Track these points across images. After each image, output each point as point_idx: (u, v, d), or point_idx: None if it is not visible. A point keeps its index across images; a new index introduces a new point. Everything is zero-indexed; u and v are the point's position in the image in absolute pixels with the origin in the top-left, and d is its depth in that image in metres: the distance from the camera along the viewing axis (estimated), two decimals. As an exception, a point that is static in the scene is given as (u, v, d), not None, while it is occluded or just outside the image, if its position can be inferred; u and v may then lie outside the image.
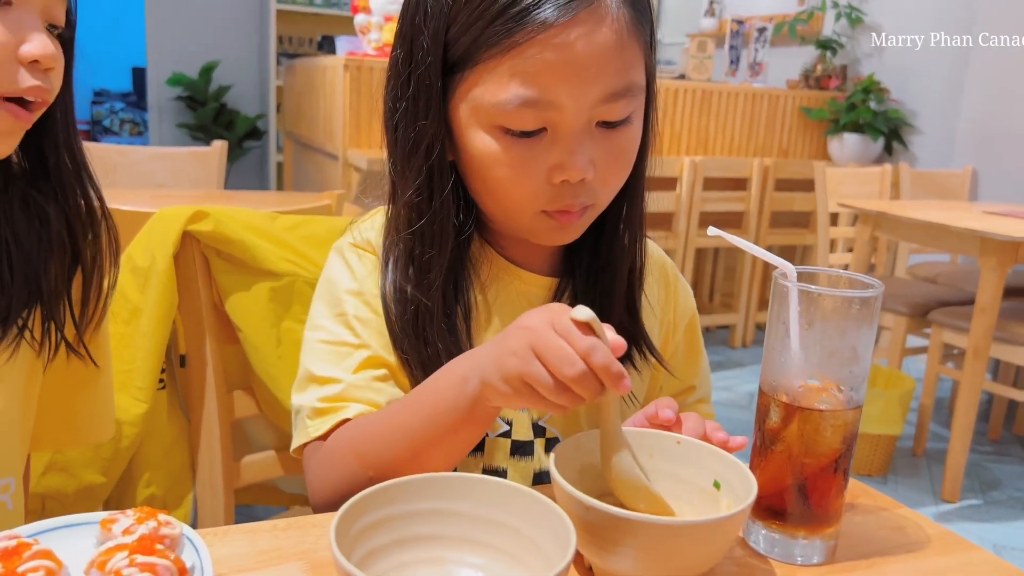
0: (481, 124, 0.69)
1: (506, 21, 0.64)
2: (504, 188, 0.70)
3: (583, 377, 0.55)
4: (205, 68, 5.61)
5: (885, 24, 4.22)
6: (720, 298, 4.21)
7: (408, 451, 0.67)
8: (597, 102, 0.67)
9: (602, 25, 0.65)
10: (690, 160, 3.46)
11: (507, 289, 0.81)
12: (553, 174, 0.69)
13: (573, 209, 0.71)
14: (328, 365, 0.76)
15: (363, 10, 3.29)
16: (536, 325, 0.58)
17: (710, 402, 0.97)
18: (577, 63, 0.65)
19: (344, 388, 0.74)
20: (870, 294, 0.61)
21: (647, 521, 0.55)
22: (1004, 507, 2.54)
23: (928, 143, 4.02)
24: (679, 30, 5.87)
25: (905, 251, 3.47)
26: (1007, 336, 2.51)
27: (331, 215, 1.64)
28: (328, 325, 0.78)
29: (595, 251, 0.80)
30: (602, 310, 0.80)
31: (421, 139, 0.71)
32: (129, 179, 2.42)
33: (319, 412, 0.74)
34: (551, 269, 0.83)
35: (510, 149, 0.68)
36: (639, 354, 0.82)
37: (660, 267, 0.90)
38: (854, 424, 0.62)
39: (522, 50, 0.64)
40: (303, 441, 0.75)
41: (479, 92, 0.68)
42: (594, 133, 0.69)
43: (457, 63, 0.69)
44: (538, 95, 0.65)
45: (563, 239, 0.75)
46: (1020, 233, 2.32)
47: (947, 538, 0.68)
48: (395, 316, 0.75)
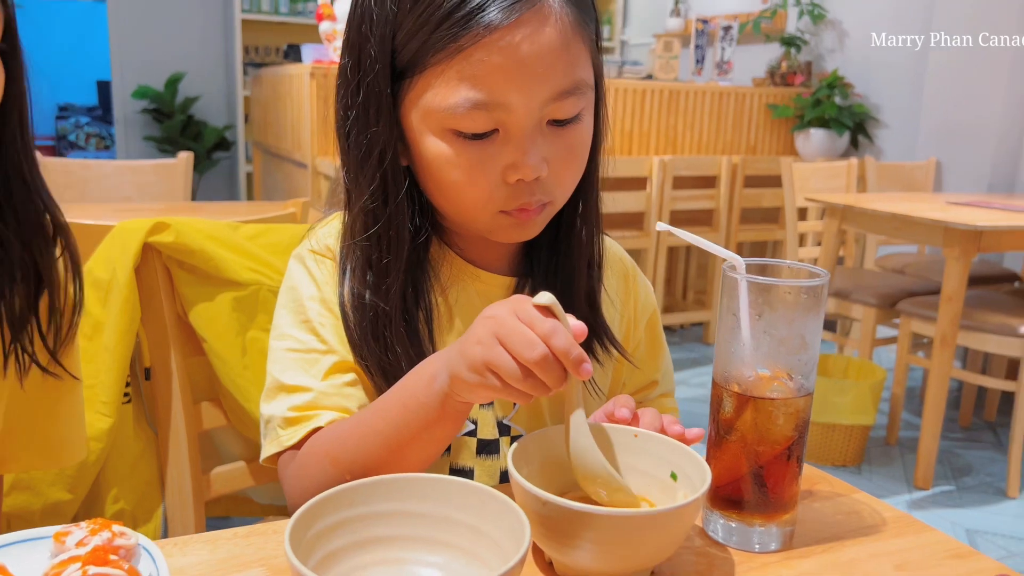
0: (433, 128, 0.69)
1: (451, 26, 0.65)
2: (460, 190, 0.71)
3: (544, 360, 0.56)
4: (171, 80, 5.58)
5: (846, 20, 4.28)
6: (694, 295, 4.24)
7: (383, 453, 0.67)
8: (546, 101, 0.68)
9: (546, 25, 0.66)
10: (659, 159, 3.49)
11: (467, 290, 0.81)
12: (508, 174, 0.69)
13: (531, 207, 0.72)
14: (297, 373, 0.76)
15: (328, 18, 3.28)
16: (499, 313, 0.59)
17: (673, 397, 0.98)
18: (524, 64, 0.65)
19: (315, 396, 0.75)
20: (816, 283, 0.62)
21: (602, 513, 0.55)
22: (976, 492, 2.58)
23: (893, 136, 4.08)
24: (645, 31, 5.91)
25: (873, 243, 3.51)
26: (974, 324, 2.55)
27: (297, 223, 1.64)
28: (294, 333, 0.78)
29: (553, 248, 0.81)
30: (563, 305, 0.81)
31: (373, 145, 0.72)
32: (95, 193, 2.40)
33: (291, 421, 0.74)
34: (510, 268, 0.83)
35: (463, 151, 0.69)
36: (600, 347, 0.83)
37: (619, 263, 0.92)
38: (805, 411, 0.64)
39: (469, 53, 0.65)
40: (276, 450, 0.75)
41: (429, 97, 0.68)
42: (545, 132, 0.70)
43: (405, 69, 0.69)
44: (487, 97, 0.66)
45: (522, 236, 0.76)
46: (982, 222, 2.36)
47: (902, 520, 0.69)
48: (354, 323, 0.76)
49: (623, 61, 4.35)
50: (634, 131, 3.86)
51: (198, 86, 5.75)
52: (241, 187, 5.65)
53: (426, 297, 0.78)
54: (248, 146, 5.41)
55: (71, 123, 7.03)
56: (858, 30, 4.22)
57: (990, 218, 2.45)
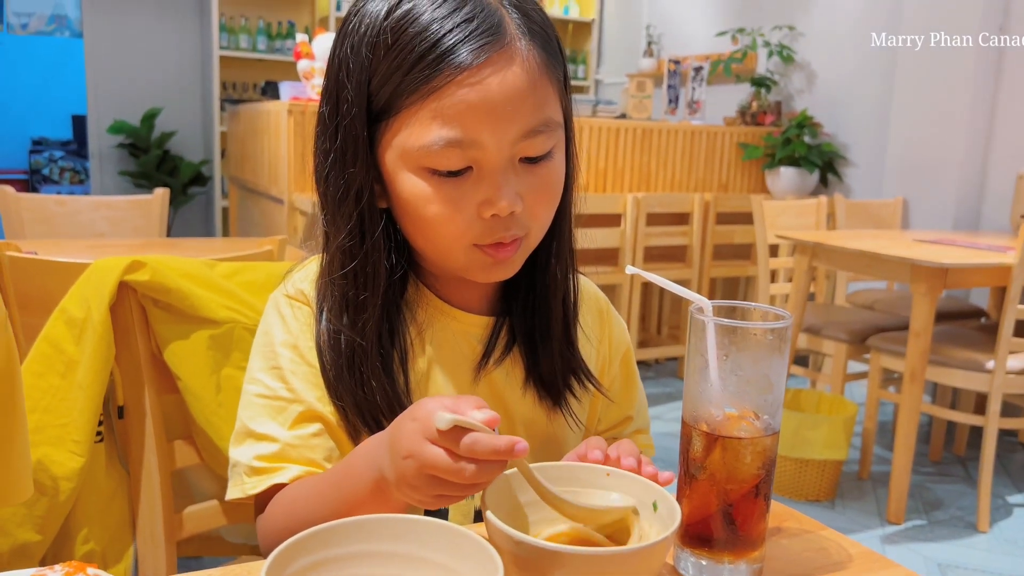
0: (409, 167, 0.72)
1: (423, 68, 0.68)
2: (436, 226, 0.73)
3: (478, 473, 0.58)
4: (147, 115, 5.58)
5: (815, 62, 4.39)
6: (668, 330, 4.28)
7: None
8: (516, 139, 0.70)
9: (514, 66, 0.69)
10: (633, 196, 3.54)
11: (445, 330, 0.82)
12: (482, 209, 0.71)
13: (506, 241, 0.73)
14: (264, 420, 0.78)
15: (306, 56, 3.32)
16: (414, 448, 0.60)
17: (649, 433, 0.99)
18: (493, 102, 0.68)
19: (280, 448, 0.76)
20: (781, 325, 0.64)
21: (574, 553, 0.56)
22: (948, 526, 2.60)
23: (861, 175, 4.17)
24: (619, 70, 6.02)
25: (844, 279, 3.58)
26: (942, 359, 2.60)
27: (273, 260, 1.64)
28: (263, 379, 0.79)
29: (529, 287, 0.83)
30: (540, 342, 0.83)
31: (351, 186, 0.74)
32: (68, 229, 2.39)
33: (256, 471, 0.76)
34: (488, 308, 0.85)
35: (439, 188, 0.71)
36: (578, 382, 0.85)
37: (595, 302, 0.94)
38: (772, 449, 0.65)
39: (441, 94, 0.68)
40: (238, 496, 0.77)
41: (404, 137, 0.71)
42: (518, 168, 0.72)
43: (381, 112, 0.71)
44: (460, 135, 0.68)
45: (500, 275, 0.77)
46: (948, 259, 2.42)
47: (869, 557, 0.71)
48: (329, 362, 0.77)
49: (597, 100, 4.43)
50: (608, 169, 3.91)
51: (175, 121, 5.76)
52: (217, 222, 5.63)
53: (402, 338, 0.79)
54: (224, 181, 5.41)
55: (45, 157, 6.99)
56: (826, 71, 4.33)
57: (955, 255, 2.51)
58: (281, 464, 0.75)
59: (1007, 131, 3.53)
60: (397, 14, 0.69)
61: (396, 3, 0.70)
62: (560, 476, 0.67)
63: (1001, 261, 2.48)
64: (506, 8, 0.71)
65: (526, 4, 0.73)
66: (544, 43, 0.73)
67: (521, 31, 0.70)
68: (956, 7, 3.49)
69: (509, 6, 0.71)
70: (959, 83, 3.52)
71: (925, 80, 3.65)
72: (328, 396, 0.77)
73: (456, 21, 0.68)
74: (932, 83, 3.62)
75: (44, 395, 1.07)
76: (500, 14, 0.70)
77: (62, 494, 1.08)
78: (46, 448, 1.06)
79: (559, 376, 0.84)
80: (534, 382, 0.84)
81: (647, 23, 5.62)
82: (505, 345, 0.84)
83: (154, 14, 5.63)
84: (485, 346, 0.83)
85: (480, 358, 0.83)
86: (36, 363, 1.08)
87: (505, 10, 0.71)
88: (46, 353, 1.08)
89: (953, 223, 3.58)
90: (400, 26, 0.69)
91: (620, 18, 6.15)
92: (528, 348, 0.84)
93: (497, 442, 0.57)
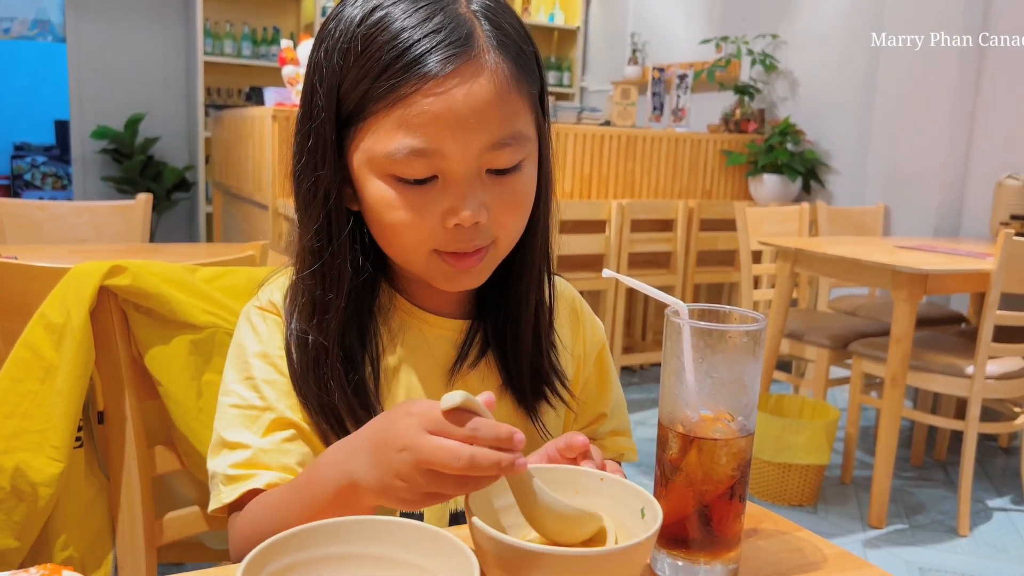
0: (376, 173, 0.72)
1: (391, 75, 0.68)
2: (399, 232, 0.73)
3: (474, 461, 0.56)
4: (131, 120, 5.56)
5: (797, 70, 4.43)
6: (652, 335, 4.29)
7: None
8: (483, 150, 0.71)
9: (481, 78, 0.69)
10: (617, 203, 3.55)
11: (415, 333, 0.83)
12: (446, 218, 0.72)
13: (468, 250, 0.74)
14: (238, 429, 0.78)
15: (291, 62, 3.32)
16: (411, 440, 0.59)
17: (630, 436, 0.99)
18: (458, 113, 0.68)
19: (253, 454, 0.76)
20: (755, 328, 0.64)
21: (555, 553, 0.56)
22: (928, 531, 2.62)
23: (843, 182, 4.20)
24: (603, 78, 6.05)
25: (826, 285, 3.60)
26: (922, 364, 2.62)
27: (256, 266, 1.64)
28: (237, 389, 0.80)
29: (503, 293, 0.83)
30: (513, 349, 0.83)
31: (319, 187, 0.75)
32: (51, 235, 2.38)
33: (231, 479, 0.76)
34: (462, 312, 0.85)
35: (404, 195, 0.72)
36: (551, 391, 0.85)
37: (570, 303, 0.94)
38: (747, 451, 0.66)
39: (407, 102, 0.68)
40: (216, 506, 0.78)
41: (370, 143, 0.71)
42: (484, 180, 0.73)
43: (350, 117, 0.72)
44: (425, 144, 0.69)
45: (465, 284, 0.78)
46: (928, 265, 2.44)
47: (843, 558, 0.71)
48: (296, 361, 0.78)
49: (582, 107, 4.44)
50: (593, 175, 3.93)
51: (158, 127, 5.74)
52: (201, 228, 5.61)
53: (373, 341, 0.80)
54: (208, 187, 5.39)
55: (27, 162, 6.93)
56: (809, 79, 4.37)
57: (936, 261, 2.54)
58: (254, 471, 0.76)
59: (987, 139, 3.57)
60: (370, 21, 0.70)
61: (370, 11, 0.71)
62: (554, 479, 0.68)
63: (980, 267, 2.50)
64: (479, 20, 0.71)
65: (501, 18, 0.73)
66: (517, 57, 0.73)
67: (491, 44, 0.71)
68: (937, 9, 3.53)
69: (482, 19, 0.71)
70: (940, 92, 3.56)
71: (906, 89, 3.69)
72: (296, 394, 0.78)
73: (426, 31, 0.68)
74: (913, 92, 3.66)
75: (23, 400, 1.07)
76: (471, 26, 0.70)
77: (41, 500, 1.07)
78: (24, 454, 1.05)
79: (529, 385, 0.84)
80: (510, 390, 0.85)
81: (632, 31, 5.65)
82: (479, 350, 0.84)
83: (138, 19, 5.61)
84: (459, 350, 0.83)
85: (454, 363, 0.83)
86: (15, 368, 1.07)
87: (477, 22, 0.71)
88: (25, 358, 1.07)
89: (934, 230, 3.62)
90: (371, 33, 0.70)
91: (605, 26, 6.18)
92: (502, 354, 0.84)
93: (500, 429, 0.57)
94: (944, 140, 3.57)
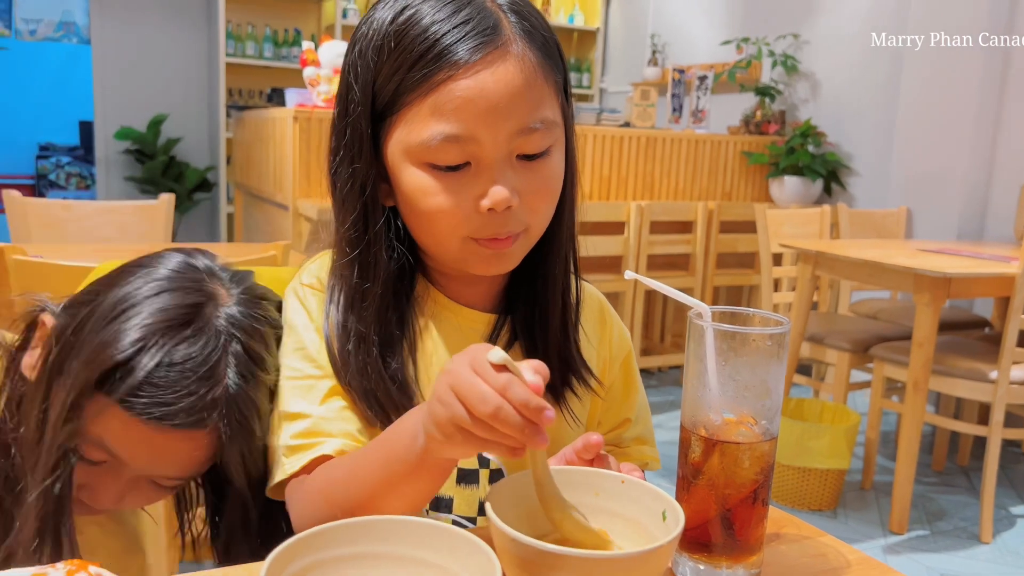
0: (411, 162, 0.75)
1: (423, 66, 0.72)
2: (435, 218, 0.76)
3: (499, 412, 0.56)
4: (154, 121, 5.60)
5: (819, 71, 4.40)
6: (671, 338, 4.27)
7: (369, 501, 0.69)
8: (513, 135, 0.73)
9: (509, 65, 0.72)
10: (636, 204, 3.54)
11: (448, 324, 0.85)
12: (480, 203, 0.74)
13: (501, 236, 0.76)
14: (295, 400, 0.79)
15: (312, 63, 3.33)
16: (455, 367, 0.60)
17: (653, 444, 0.98)
18: (489, 99, 0.71)
19: (314, 422, 0.78)
20: (780, 331, 0.64)
21: (577, 555, 0.56)
22: (951, 537, 2.60)
23: (865, 184, 4.17)
24: (623, 79, 6.03)
25: (847, 289, 3.57)
26: (945, 369, 2.59)
27: (277, 265, 1.65)
28: (290, 362, 0.82)
29: (530, 284, 0.85)
30: (541, 337, 0.85)
31: (356, 179, 0.78)
32: (75, 234, 2.41)
33: (293, 449, 0.77)
34: (491, 306, 0.87)
35: (439, 182, 0.75)
36: (577, 379, 0.87)
37: (598, 305, 0.96)
38: (770, 455, 0.65)
39: (439, 90, 0.72)
40: (279, 479, 0.77)
41: (405, 133, 0.74)
42: (515, 165, 0.75)
43: (385, 110, 0.76)
44: (457, 131, 0.72)
45: (499, 268, 0.80)
46: (952, 269, 2.42)
47: (867, 563, 0.71)
48: (337, 349, 0.79)
49: (601, 109, 4.44)
50: (612, 177, 3.92)
51: (181, 127, 5.78)
52: (222, 228, 5.65)
53: (410, 329, 0.82)
54: (230, 187, 5.43)
55: (52, 162, 7.02)
56: (831, 81, 4.34)
57: (959, 265, 2.51)
58: (318, 439, 0.77)
59: (1012, 142, 3.53)
60: (401, 19, 0.74)
61: (400, 10, 0.74)
62: (575, 481, 0.68)
63: (1005, 271, 2.47)
64: (504, 12, 0.75)
65: (524, 10, 0.76)
66: (542, 46, 0.76)
67: (517, 33, 0.74)
68: (961, 11, 3.49)
69: (508, 11, 0.75)
70: (964, 93, 3.52)
71: (931, 90, 3.66)
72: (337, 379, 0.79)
73: (455, 23, 0.72)
74: (937, 93, 3.63)
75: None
76: (497, 16, 0.74)
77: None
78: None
79: (557, 373, 0.85)
80: None
81: (652, 32, 5.63)
82: (507, 342, 0.85)
83: (161, 21, 5.66)
84: (487, 342, 0.85)
85: None
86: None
87: (503, 14, 0.74)
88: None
89: (957, 233, 3.58)
90: (402, 29, 0.73)
91: (625, 27, 6.17)
92: (529, 345, 0.85)
93: (532, 397, 0.56)
94: (968, 142, 3.53)
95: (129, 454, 0.77)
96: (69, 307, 0.81)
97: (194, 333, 0.77)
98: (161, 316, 0.76)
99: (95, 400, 0.75)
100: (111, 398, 0.74)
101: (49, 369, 0.78)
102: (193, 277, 0.81)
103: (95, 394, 0.75)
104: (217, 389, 0.76)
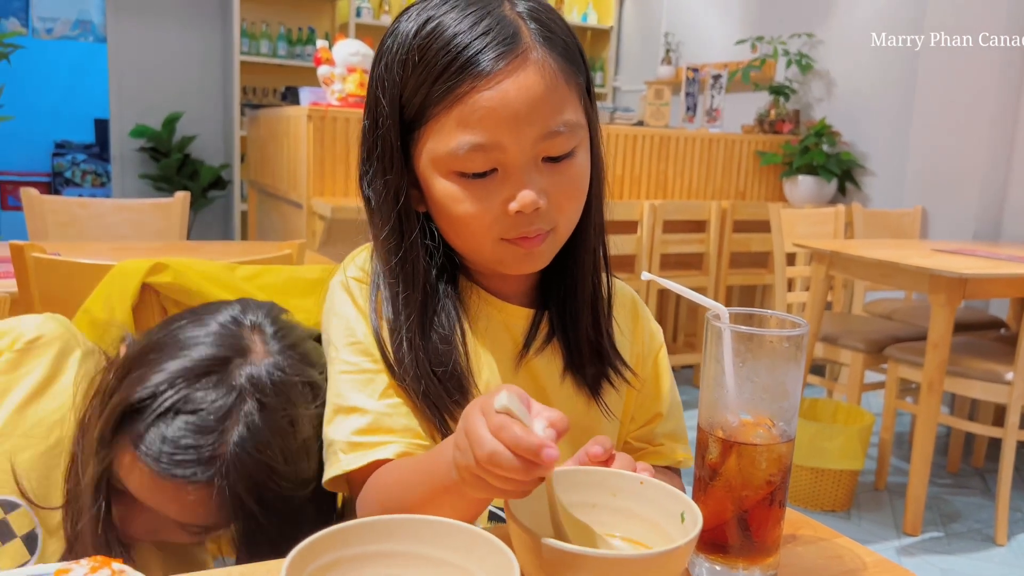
0: (440, 171, 0.77)
1: (447, 79, 0.73)
2: (466, 223, 0.78)
3: (494, 456, 0.56)
4: (168, 119, 5.63)
5: (834, 70, 4.37)
6: (684, 337, 4.26)
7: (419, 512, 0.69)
8: (537, 140, 0.75)
9: (530, 72, 0.74)
10: (650, 204, 3.54)
11: (490, 319, 0.87)
12: (508, 205, 0.76)
13: (531, 235, 0.77)
14: (353, 393, 0.81)
15: (326, 62, 3.34)
16: (469, 412, 0.60)
17: (687, 442, 0.98)
18: (511, 108, 0.73)
19: (374, 418, 0.79)
20: (798, 333, 0.64)
21: (596, 555, 0.57)
22: (965, 539, 2.58)
23: (880, 184, 4.15)
24: (637, 78, 6.02)
25: (861, 289, 3.56)
26: (960, 370, 2.58)
27: (292, 264, 1.66)
28: (345, 357, 0.83)
29: (562, 279, 0.87)
30: (573, 330, 0.87)
31: (389, 190, 0.80)
32: (91, 231, 2.42)
33: (354, 446, 0.78)
34: (529, 301, 0.89)
35: (467, 189, 0.76)
36: (614, 371, 0.89)
37: (630, 301, 0.98)
38: (788, 456, 0.65)
39: (464, 101, 0.73)
40: (336, 474, 0.79)
41: (433, 144, 0.76)
42: (541, 167, 0.76)
43: (413, 122, 0.77)
44: (483, 139, 0.73)
45: (532, 266, 0.82)
46: (967, 269, 2.40)
47: (883, 566, 0.71)
48: (392, 350, 0.81)
49: (615, 107, 4.43)
50: (625, 176, 3.92)
51: (195, 125, 5.81)
52: (236, 226, 5.67)
53: (458, 326, 0.84)
54: (244, 185, 5.45)
55: (68, 160, 7.07)
56: (845, 80, 4.32)
57: (975, 266, 2.49)
58: (380, 438, 0.78)
59: (1028, 141, 3.50)
60: (424, 32, 0.75)
61: (423, 23, 0.76)
62: (593, 483, 0.68)
63: (1021, 272, 2.46)
64: (523, 20, 0.76)
65: (544, 16, 0.78)
66: (563, 51, 0.77)
67: (537, 40, 0.75)
68: (978, 10, 3.47)
69: (527, 19, 0.76)
70: (981, 92, 3.50)
71: (948, 90, 3.63)
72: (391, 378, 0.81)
73: (476, 34, 0.74)
74: (954, 93, 3.60)
75: (68, 395, 1.09)
76: (516, 25, 0.75)
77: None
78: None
79: (592, 365, 0.87)
80: (572, 372, 0.88)
81: (666, 31, 5.62)
82: (545, 336, 0.87)
83: (177, 20, 5.69)
84: (525, 337, 0.87)
85: (521, 348, 0.87)
86: (60, 363, 1.09)
87: (523, 22, 0.76)
88: (70, 353, 1.09)
89: (973, 234, 3.55)
90: (426, 43, 0.75)
91: (639, 25, 6.15)
92: (565, 339, 0.87)
93: (526, 439, 0.55)
94: (985, 142, 3.50)
95: (140, 494, 0.79)
96: (136, 341, 0.85)
97: (211, 386, 0.78)
98: (188, 365, 0.79)
99: (118, 435, 0.78)
100: (126, 436, 0.77)
101: (102, 397, 0.81)
102: (234, 332, 0.84)
103: (118, 429, 0.77)
104: (220, 446, 0.77)
